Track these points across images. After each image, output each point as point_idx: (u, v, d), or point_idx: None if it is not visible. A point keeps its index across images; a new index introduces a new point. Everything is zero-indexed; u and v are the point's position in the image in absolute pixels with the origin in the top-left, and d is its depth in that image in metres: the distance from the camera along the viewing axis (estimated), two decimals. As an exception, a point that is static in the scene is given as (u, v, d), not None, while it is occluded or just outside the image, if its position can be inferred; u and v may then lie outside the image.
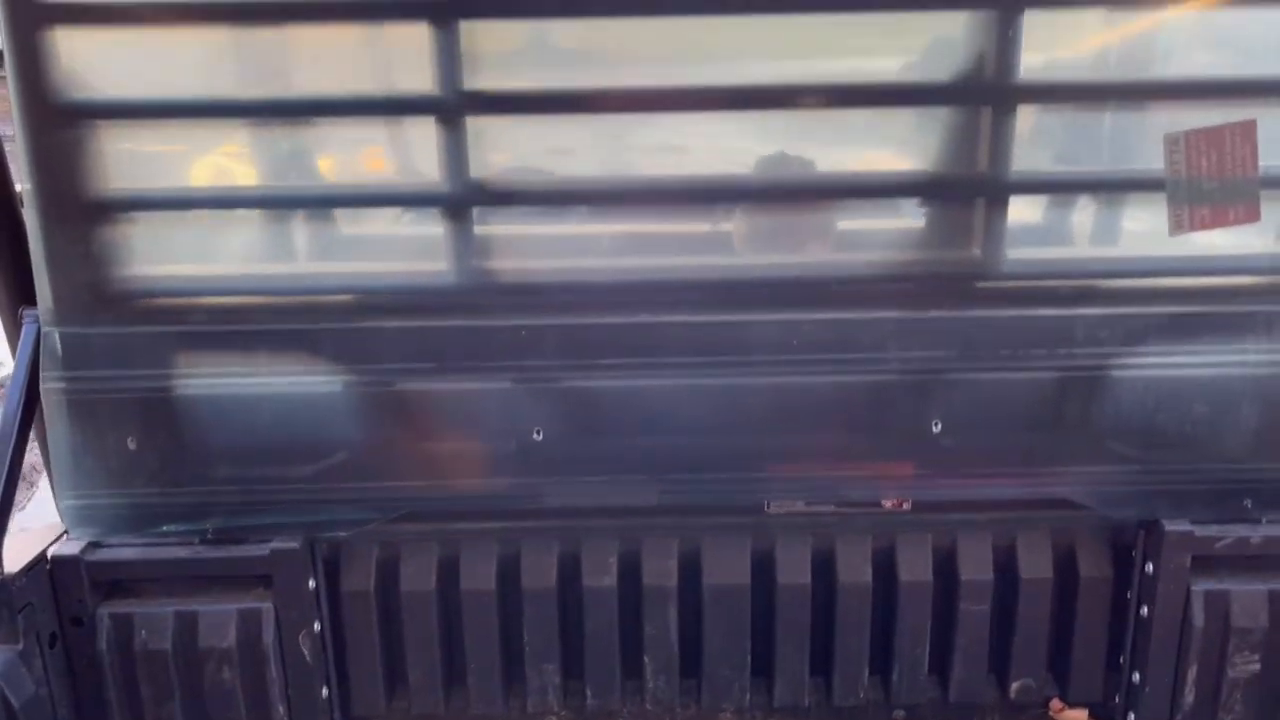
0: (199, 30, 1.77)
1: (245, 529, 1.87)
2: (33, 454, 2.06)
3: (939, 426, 1.85)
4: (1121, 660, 1.97)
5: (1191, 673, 1.88)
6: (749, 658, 2.00)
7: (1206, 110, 1.73)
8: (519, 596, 1.96)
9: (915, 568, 1.95)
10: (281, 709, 1.89)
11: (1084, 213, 1.95)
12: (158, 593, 1.87)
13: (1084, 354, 1.82)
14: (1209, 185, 1.73)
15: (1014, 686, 2.02)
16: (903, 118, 1.88)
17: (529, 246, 1.93)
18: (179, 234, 1.90)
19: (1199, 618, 1.86)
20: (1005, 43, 1.71)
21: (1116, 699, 2.00)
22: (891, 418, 1.87)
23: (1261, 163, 1.73)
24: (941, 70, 1.80)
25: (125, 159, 1.80)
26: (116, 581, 1.87)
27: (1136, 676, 1.93)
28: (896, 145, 1.93)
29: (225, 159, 1.90)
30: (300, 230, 1.94)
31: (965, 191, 1.83)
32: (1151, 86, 1.80)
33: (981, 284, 1.84)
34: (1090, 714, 2.05)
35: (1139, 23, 1.80)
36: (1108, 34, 1.82)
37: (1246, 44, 1.81)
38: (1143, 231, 1.88)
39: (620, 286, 1.86)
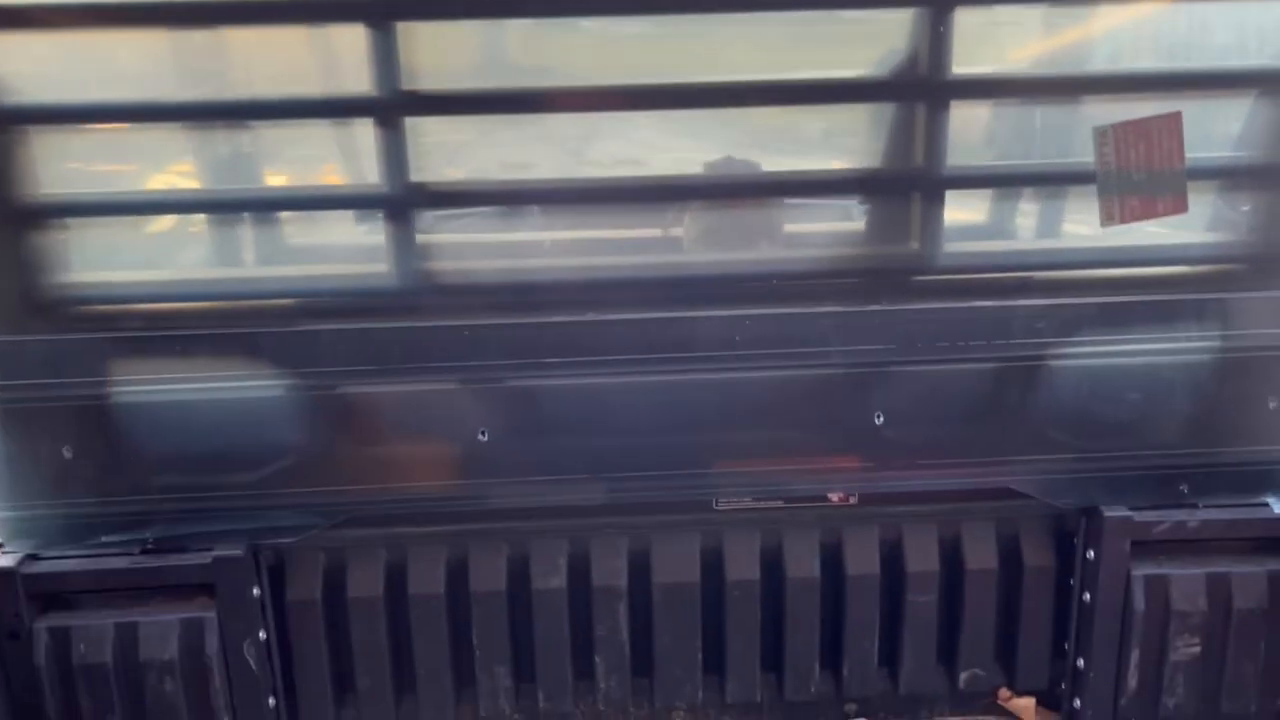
0: (133, 33, 1.75)
1: (187, 537, 1.84)
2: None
3: (881, 419, 1.86)
4: (1066, 647, 2.00)
5: (1134, 657, 1.92)
6: (700, 655, 2.00)
7: (1134, 104, 1.77)
8: (468, 600, 1.95)
9: (862, 561, 1.97)
10: None
11: (1020, 205, 1.98)
12: (97, 605, 1.84)
13: (1021, 344, 1.85)
14: (1137, 177, 1.77)
15: (962, 676, 2.04)
16: (841, 118, 1.91)
17: (471, 247, 1.92)
18: (113, 239, 1.87)
19: (1139, 602, 1.89)
20: (937, 40, 1.74)
21: (1062, 685, 2.02)
22: (835, 412, 1.89)
23: (1188, 155, 1.77)
24: (877, 67, 1.83)
25: (58, 163, 1.77)
26: (54, 594, 1.83)
27: (1081, 662, 1.96)
28: (837, 147, 1.95)
29: (177, 178, 1.88)
30: (240, 234, 1.93)
31: (902, 187, 1.85)
32: (1079, 81, 1.84)
33: (920, 278, 1.86)
34: (1037, 702, 2.07)
35: (1067, 20, 1.84)
36: (1038, 31, 1.86)
37: (1171, 40, 1.85)
38: (1076, 223, 1.92)
39: (564, 285, 1.86)
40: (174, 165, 1.90)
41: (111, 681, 1.80)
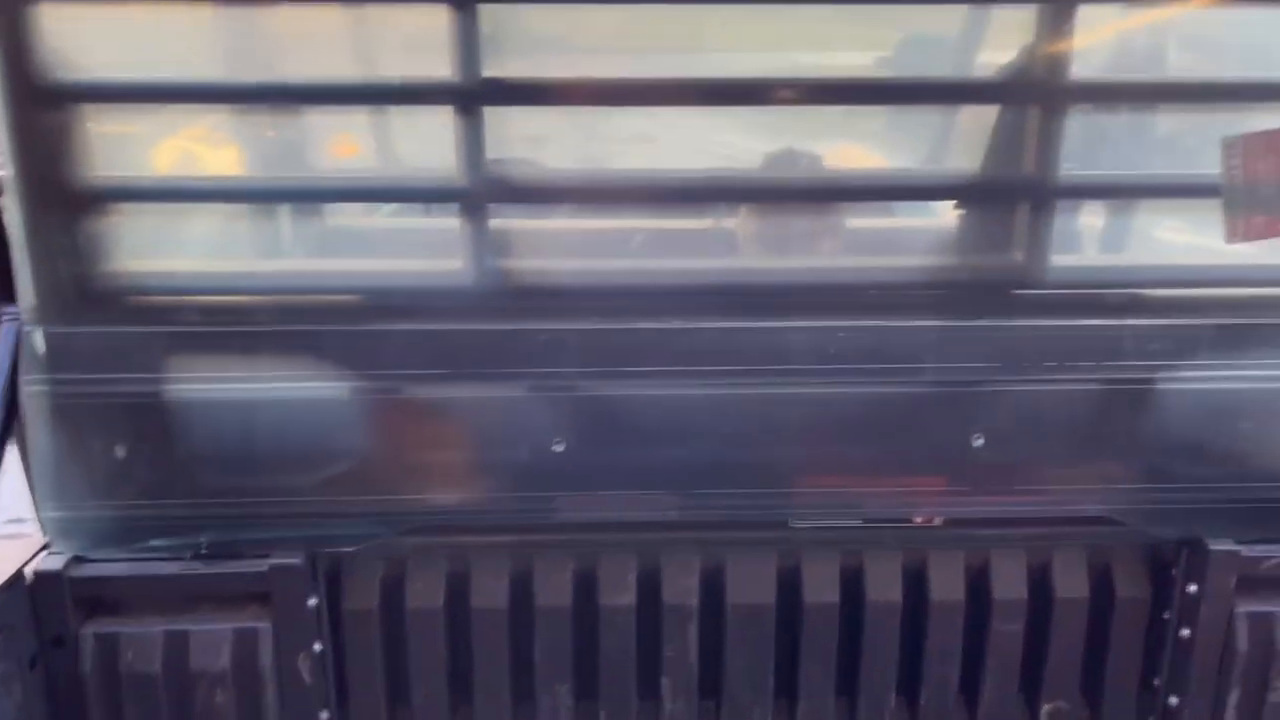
0: (192, 9, 1.65)
1: (241, 543, 1.76)
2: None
3: (980, 440, 1.76)
4: (1157, 683, 1.90)
5: (1233, 697, 1.82)
6: (771, 678, 1.91)
7: (1266, 114, 1.65)
8: (531, 614, 1.86)
9: (946, 586, 1.87)
10: None
11: (1133, 219, 1.88)
12: (146, 611, 1.75)
13: (1130, 366, 1.74)
14: (1266, 192, 1.66)
15: (1045, 709, 1.95)
16: (915, 115, 1.80)
17: (549, 247, 1.82)
18: (171, 227, 1.77)
19: (1243, 640, 1.79)
20: (1056, 39, 1.62)
21: (1150, 723, 1.93)
22: (928, 431, 1.79)
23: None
24: (978, 68, 1.72)
25: (113, 145, 1.67)
26: (101, 599, 1.75)
27: (1174, 700, 1.86)
28: (898, 143, 1.84)
29: (191, 143, 1.78)
30: (302, 224, 1.83)
31: (1009, 195, 1.74)
32: (1207, 88, 1.72)
33: (1024, 292, 1.76)
34: (1122, 737, 1.98)
35: (1193, 22, 1.72)
36: (1162, 33, 1.74)
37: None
38: (1192, 239, 1.81)
39: (645, 290, 1.76)
40: (227, 149, 1.80)
41: (160, 692, 1.72)
